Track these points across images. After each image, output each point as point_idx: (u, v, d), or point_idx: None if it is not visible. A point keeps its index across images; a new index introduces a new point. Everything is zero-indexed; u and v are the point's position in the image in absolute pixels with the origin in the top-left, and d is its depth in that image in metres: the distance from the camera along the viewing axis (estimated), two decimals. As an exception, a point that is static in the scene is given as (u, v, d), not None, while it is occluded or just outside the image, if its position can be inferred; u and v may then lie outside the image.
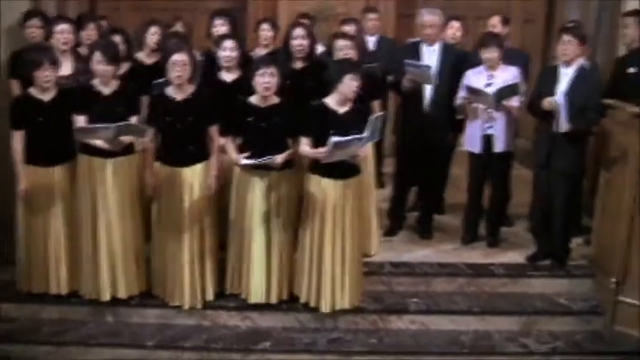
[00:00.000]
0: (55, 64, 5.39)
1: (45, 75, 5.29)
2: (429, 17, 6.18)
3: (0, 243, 5.97)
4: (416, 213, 6.68)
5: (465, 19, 7.21)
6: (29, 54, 5.44)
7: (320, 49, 6.82)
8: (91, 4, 8.30)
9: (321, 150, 5.14)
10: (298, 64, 5.85)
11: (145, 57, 6.32)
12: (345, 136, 5.07)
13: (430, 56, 6.20)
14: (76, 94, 5.47)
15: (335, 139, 5.02)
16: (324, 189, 5.31)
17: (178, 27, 6.98)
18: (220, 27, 6.24)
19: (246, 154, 5.27)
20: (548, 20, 8.51)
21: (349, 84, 5.21)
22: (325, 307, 5.41)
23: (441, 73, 6.08)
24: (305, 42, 5.83)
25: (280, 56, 5.95)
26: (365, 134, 5.11)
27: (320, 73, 5.65)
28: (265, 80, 5.23)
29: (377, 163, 6.59)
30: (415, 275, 5.91)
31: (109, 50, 5.37)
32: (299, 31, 5.86)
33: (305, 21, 6.80)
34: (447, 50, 6.29)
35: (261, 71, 5.23)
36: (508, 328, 5.63)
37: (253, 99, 5.34)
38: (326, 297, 5.39)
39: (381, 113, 5.26)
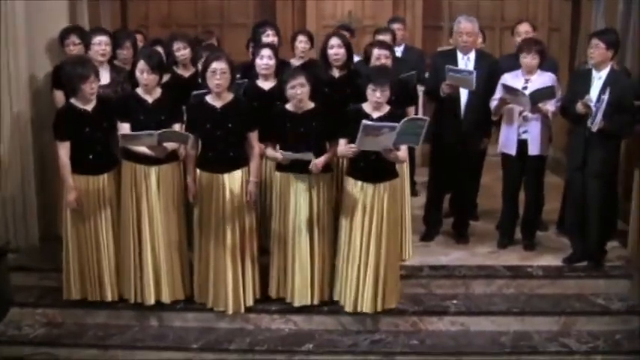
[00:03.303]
0: (97, 76, 5.51)
1: (92, 87, 5.41)
2: (466, 24, 6.24)
3: (45, 251, 6.09)
4: (451, 219, 6.70)
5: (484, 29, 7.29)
6: (75, 68, 5.45)
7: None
8: (123, 21, 8.46)
9: (352, 145, 5.25)
10: (336, 73, 5.96)
11: (182, 70, 6.44)
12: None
13: (466, 64, 6.26)
14: (120, 101, 5.59)
15: (366, 122, 5.11)
16: (358, 191, 5.41)
17: (212, 41, 7.17)
18: (273, 37, 6.41)
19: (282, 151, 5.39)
20: (573, 29, 8.56)
21: (371, 94, 5.36)
22: (349, 307, 5.48)
23: (476, 81, 6.06)
24: (341, 51, 5.93)
25: (318, 65, 6.10)
26: (398, 125, 5.11)
27: (357, 82, 5.78)
28: (297, 92, 5.37)
29: (410, 171, 6.64)
30: (454, 278, 5.94)
31: (153, 59, 5.44)
32: (335, 41, 5.96)
33: (344, 32, 6.95)
34: (481, 58, 6.36)
35: (290, 84, 5.38)
36: (548, 329, 5.66)
37: (289, 106, 5.46)
38: (352, 298, 5.46)
39: (426, 118, 5.27)
